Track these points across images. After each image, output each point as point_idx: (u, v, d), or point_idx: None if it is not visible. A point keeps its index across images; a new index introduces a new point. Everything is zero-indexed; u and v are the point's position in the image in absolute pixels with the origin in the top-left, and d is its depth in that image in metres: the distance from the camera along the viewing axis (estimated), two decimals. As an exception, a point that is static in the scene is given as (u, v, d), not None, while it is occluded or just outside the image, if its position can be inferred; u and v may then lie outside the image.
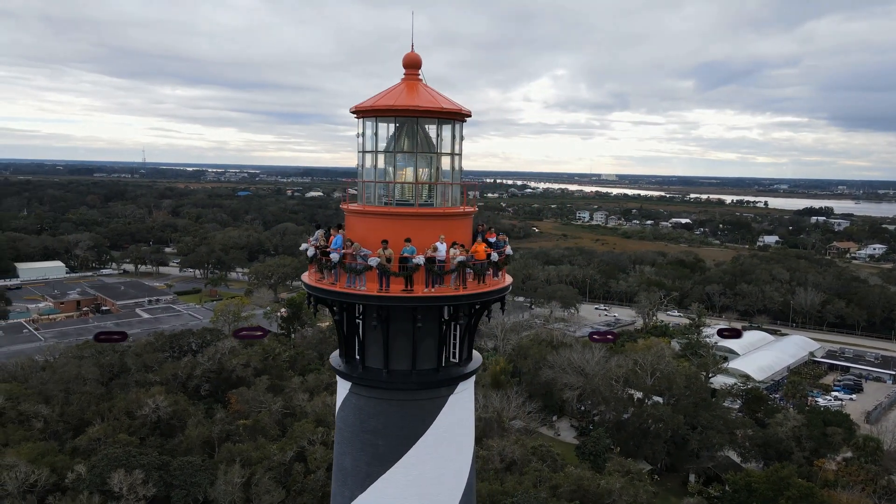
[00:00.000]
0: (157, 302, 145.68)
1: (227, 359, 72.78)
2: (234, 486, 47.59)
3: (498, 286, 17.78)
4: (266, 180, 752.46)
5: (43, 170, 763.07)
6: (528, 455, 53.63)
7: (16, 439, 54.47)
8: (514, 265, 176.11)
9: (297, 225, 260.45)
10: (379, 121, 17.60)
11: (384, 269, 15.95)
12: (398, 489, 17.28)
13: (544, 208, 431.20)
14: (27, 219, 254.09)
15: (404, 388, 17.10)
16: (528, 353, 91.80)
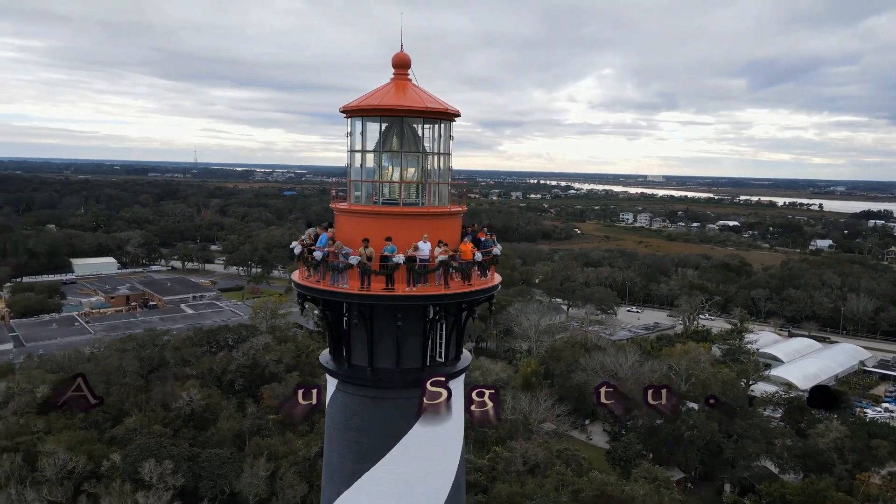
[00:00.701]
0: (201, 298, 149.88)
1: (261, 355, 74.35)
2: (260, 479, 48.65)
3: (483, 286, 17.69)
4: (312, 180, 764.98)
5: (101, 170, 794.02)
6: (552, 458, 53.11)
7: (58, 427, 56.86)
8: (553, 267, 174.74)
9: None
10: (368, 120, 17.75)
11: (364, 268, 16.08)
12: (382, 487, 17.38)
13: (587, 210, 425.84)
14: (84, 216, 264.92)
15: (388, 386, 17.21)
16: (561, 356, 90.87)
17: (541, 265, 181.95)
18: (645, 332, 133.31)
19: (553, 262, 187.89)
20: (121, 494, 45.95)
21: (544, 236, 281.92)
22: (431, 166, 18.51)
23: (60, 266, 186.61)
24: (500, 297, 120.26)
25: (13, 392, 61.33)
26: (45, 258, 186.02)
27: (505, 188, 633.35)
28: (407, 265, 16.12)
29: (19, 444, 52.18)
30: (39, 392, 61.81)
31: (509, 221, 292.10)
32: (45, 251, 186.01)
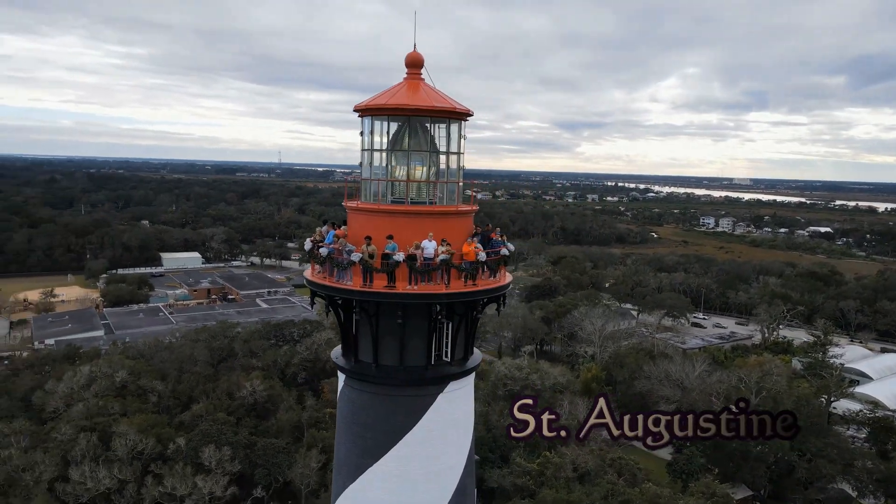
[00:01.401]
0: (276, 293, 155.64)
1: (323, 350, 76.40)
2: (311, 470, 50.05)
3: (486, 287, 17.54)
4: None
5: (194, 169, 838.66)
6: (605, 466, 51.81)
7: (132, 410, 60.56)
8: (624, 271, 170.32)
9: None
10: (380, 119, 17.97)
11: (366, 265, 16.31)
12: (384, 483, 17.56)
13: (665, 213, 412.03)
14: (174, 213, 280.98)
15: (391, 383, 17.37)
16: (625, 362, 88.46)
17: (612, 269, 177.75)
18: (719, 341, 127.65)
19: (625, 266, 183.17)
20: (182, 476, 48.46)
21: (618, 240, 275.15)
22: (443, 165, 18.57)
23: (151, 259, 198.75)
24: (566, 301, 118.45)
25: (95, 376, 65.79)
26: (137, 252, 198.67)
27: (581, 190, 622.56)
28: (407, 263, 16.22)
29: (97, 424, 55.89)
30: (118, 377, 66.03)
31: (582, 224, 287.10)
32: (137, 245, 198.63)
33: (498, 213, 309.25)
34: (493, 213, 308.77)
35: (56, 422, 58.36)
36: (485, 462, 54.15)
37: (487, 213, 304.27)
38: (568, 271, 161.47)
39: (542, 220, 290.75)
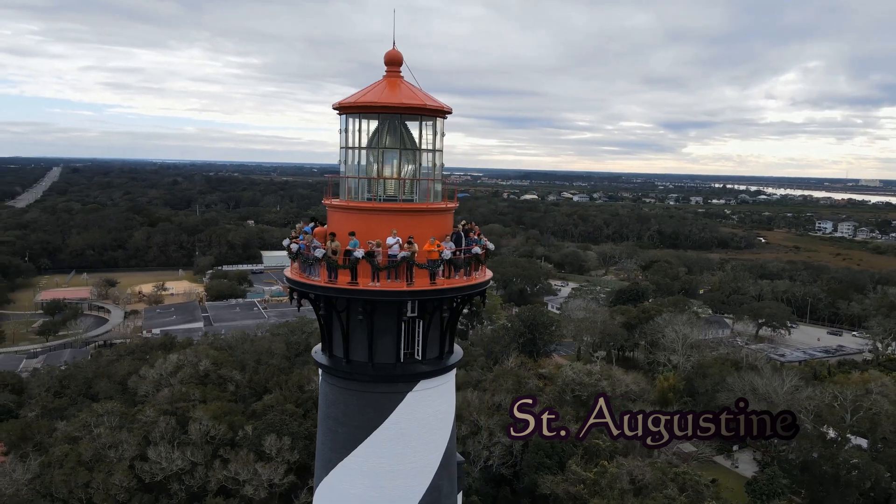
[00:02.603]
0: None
1: (393, 347, 77.91)
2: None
3: (451, 285, 17.27)
4: (486, 183, 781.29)
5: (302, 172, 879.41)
6: (665, 480, 49.32)
7: (211, 397, 64.44)
8: (721, 278, 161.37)
9: (504, 227, 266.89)
10: (360, 117, 18.09)
11: (329, 261, 16.55)
12: (354, 477, 17.73)
13: (777, 217, 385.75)
14: (277, 213, 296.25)
15: (361, 379, 17.49)
16: (708, 373, 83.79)
17: (707, 275, 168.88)
18: (824, 355, 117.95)
19: (723, 272, 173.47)
20: (245, 462, 51.05)
21: (720, 244, 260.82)
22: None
23: (253, 257, 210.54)
24: (650, 307, 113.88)
25: (182, 364, 70.60)
26: (240, 249, 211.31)
27: (685, 193, 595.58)
28: (366, 260, 16.30)
29: (177, 409, 59.96)
30: (202, 366, 70.50)
31: (681, 228, 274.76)
32: (241, 243, 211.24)
33: (592, 215, 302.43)
34: (587, 215, 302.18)
35: (144, 405, 63.16)
36: (540, 467, 53.16)
37: (581, 216, 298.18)
38: (658, 276, 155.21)
39: (638, 224, 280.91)
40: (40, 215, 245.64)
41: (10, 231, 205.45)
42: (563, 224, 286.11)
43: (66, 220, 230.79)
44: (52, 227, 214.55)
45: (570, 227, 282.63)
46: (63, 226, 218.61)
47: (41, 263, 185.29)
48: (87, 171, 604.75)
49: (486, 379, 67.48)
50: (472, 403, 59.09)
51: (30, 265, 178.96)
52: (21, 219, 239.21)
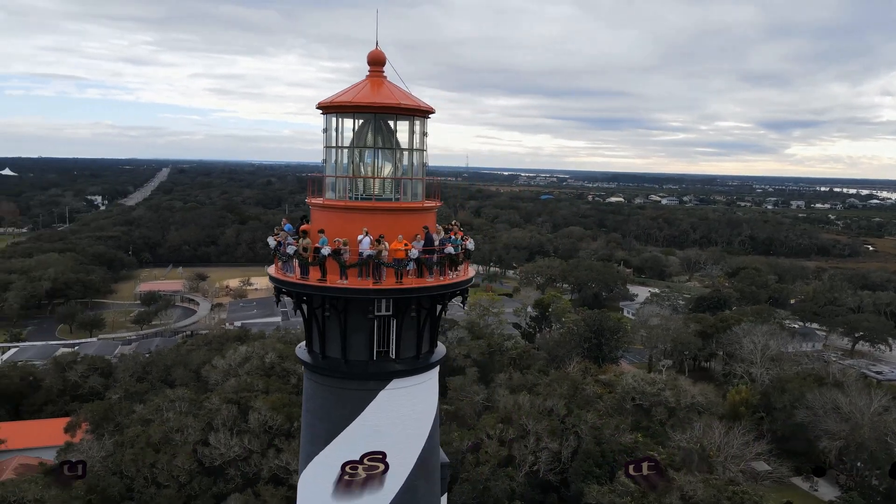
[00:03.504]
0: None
1: (453, 347, 78.12)
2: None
3: (421, 285, 17.15)
4: (572, 185, 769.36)
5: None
6: (721, 498, 46.64)
7: (273, 389, 67.01)
8: (816, 287, 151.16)
9: (585, 229, 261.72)
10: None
11: (299, 258, 16.86)
12: (328, 472, 17.95)
13: (889, 223, 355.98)
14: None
15: (334, 375, 17.71)
16: (786, 388, 78.59)
17: (801, 284, 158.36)
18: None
19: (819, 281, 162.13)
20: (295, 452, 52.77)
21: (820, 252, 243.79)
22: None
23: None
24: (730, 316, 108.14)
25: (250, 356, 73.89)
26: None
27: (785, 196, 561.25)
28: (333, 257, 16.48)
29: (241, 398, 62.78)
30: (268, 358, 73.47)
31: (776, 233, 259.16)
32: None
33: (678, 219, 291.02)
34: (673, 219, 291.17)
35: (212, 393, 66.57)
36: (588, 476, 51.73)
37: (667, 220, 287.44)
38: (744, 284, 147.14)
39: (728, 228, 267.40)
40: (145, 213, 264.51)
41: (117, 227, 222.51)
42: (647, 228, 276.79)
43: (167, 217, 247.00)
44: (154, 224, 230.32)
45: (655, 230, 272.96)
46: (164, 222, 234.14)
47: (142, 257, 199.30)
48: (192, 171, 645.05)
49: (541, 383, 66.44)
50: (522, 407, 58.34)
51: (132, 259, 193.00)
52: (129, 216, 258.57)
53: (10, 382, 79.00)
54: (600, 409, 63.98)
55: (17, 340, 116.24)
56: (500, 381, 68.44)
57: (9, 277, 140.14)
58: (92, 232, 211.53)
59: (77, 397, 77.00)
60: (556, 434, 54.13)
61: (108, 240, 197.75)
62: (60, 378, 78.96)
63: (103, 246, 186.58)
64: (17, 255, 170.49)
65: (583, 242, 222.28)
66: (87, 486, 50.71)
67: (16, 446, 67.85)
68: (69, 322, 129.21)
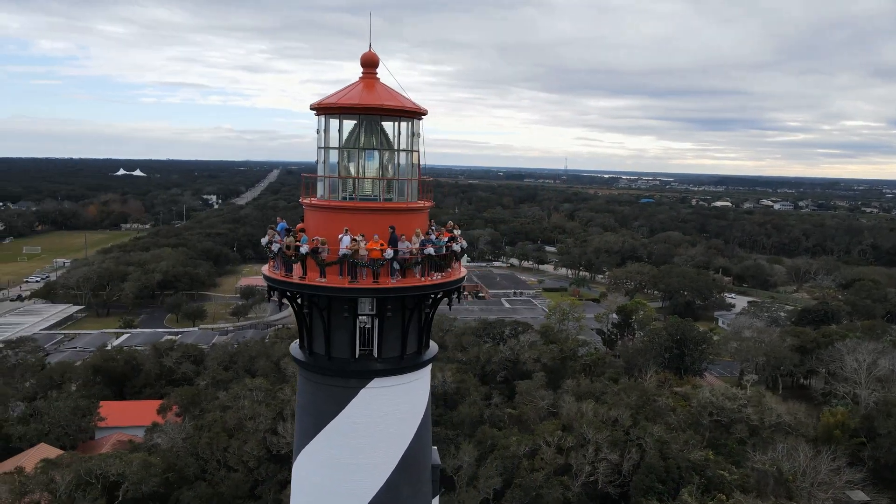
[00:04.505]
0: (520, 295, 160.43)
1: (524, 351, 77.29)
2: (464, 463, 51.54)
3: (401, 285, 17.14)
4: (676, 188, 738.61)
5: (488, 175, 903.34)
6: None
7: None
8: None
9: (683, 234, 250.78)
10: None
11: (283, 256, 17.34)
12: (313, 466, 18.41)
13: None
14: (454, 215, 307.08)
15: (318, 371, 18.08)
16: (893, 412, 71.47)
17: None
18: None
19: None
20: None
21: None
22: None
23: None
24: (835, 331, 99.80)
25: (325, 350, 76.62)
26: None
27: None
28: (311, 256, 16.81)
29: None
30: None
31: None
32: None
33: (789, 225, 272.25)
34: (783, 225, 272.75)
35: (286, 384, 69.60)
36: (649, 491, 49.51)
37: (776, 226, 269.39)
38: (858, 297, 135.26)
39: (847, 236, 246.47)
40: (252, 211, 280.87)
41: (225, 224, 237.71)
42: (754, 234, 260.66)
43: (271, 215, 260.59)
44: (258, 222, 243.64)
45: (762, 237, 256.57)
46: (267, 220, 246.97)
47: (246, 254, 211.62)
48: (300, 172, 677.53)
49: (608, 391, 64.32)
50: (585, 415, 56.76)
51: (237, 255, 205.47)
52: (237, 214, 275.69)
53: (115, 365, 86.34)
54: (671, 422, 61.05)
55: (129, 327, 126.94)
56: (566, 387, 66.92)
57: (127, 269, 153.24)
58: (203, 229, 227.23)
59: (171, 381, 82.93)
60: (616, 445, 52.23)
61: (216, 236, 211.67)
62: (158, 363, 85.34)
63: (211, 242, 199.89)
64: (136, 249, 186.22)
65: (680, 248, 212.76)
66: (165, 464, 54.51)
67: (116, 424, 73.94)
68: (176, 312, 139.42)
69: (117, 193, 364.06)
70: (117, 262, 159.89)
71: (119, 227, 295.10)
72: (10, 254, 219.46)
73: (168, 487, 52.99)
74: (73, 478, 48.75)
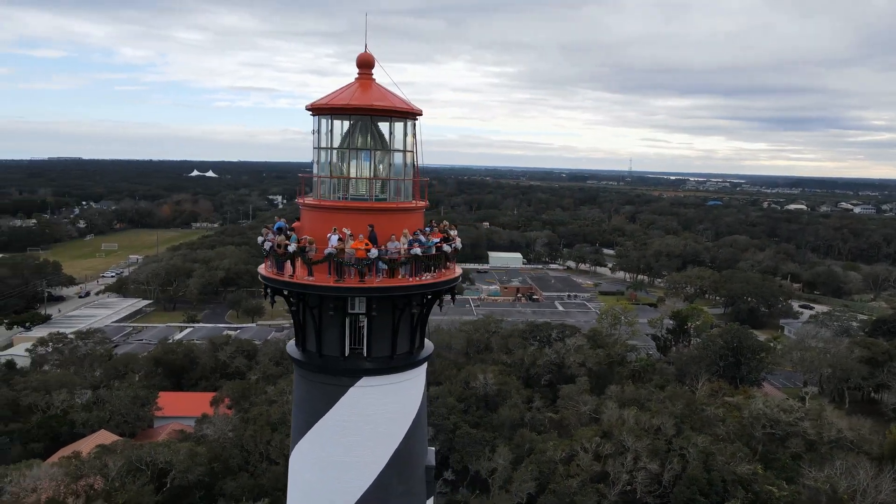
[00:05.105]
0: (575, 297, 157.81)
1: (570, 354, 76.05)
2: (500, 467, 51.16)
3: (381, 284, 17.13)
4: (747, 190, 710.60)
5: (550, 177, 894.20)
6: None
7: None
8: None
9: (751, 238, 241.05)
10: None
11: (274, 254, 17.66)
12: (305, 462, 18.71)
13: None
14: (512, 217, 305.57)
15: (309, 368, 18.31)
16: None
17: None
18: None
19: None
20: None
21: None
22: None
23: (480, 257, 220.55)
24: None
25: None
26: (469, 249, 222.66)
27: None
28: (298, 254, 17.05)
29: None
30: (387, 352, 76.74)
31: None
32: (469, 243, 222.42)
33: (869, 230, 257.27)
34: (861, 229, 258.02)
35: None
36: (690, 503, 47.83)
37: (853, 230, 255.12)
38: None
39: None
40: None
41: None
42: (829, 239, 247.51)
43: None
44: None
45: (838, 242, 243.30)
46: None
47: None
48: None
49: (653, 398, 62.45)
50: (626, 422, 55.32)
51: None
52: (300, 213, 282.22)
53: (175, 358, 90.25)
54: (719, 433, 58.71)
55: (192, 322, 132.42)
56: (610, 392, 65.41)
57: (192, 266, 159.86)
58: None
59: (225, 375, 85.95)
60: (657, 454, 50.65)
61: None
62: (213, 357, 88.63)
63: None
64: (203, 247, 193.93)
65: (746, 253, 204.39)
66: (211, 455, 56.54)
67: (172, 414, 77.23)
68: (236, 308, 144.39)
69: (189, 193, 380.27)
70: (184, 259, 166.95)
71: (190, 225, 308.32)
72: (90, 250, 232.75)
73: (213, 477, 54.90)
74: (124, 464, 51.23)
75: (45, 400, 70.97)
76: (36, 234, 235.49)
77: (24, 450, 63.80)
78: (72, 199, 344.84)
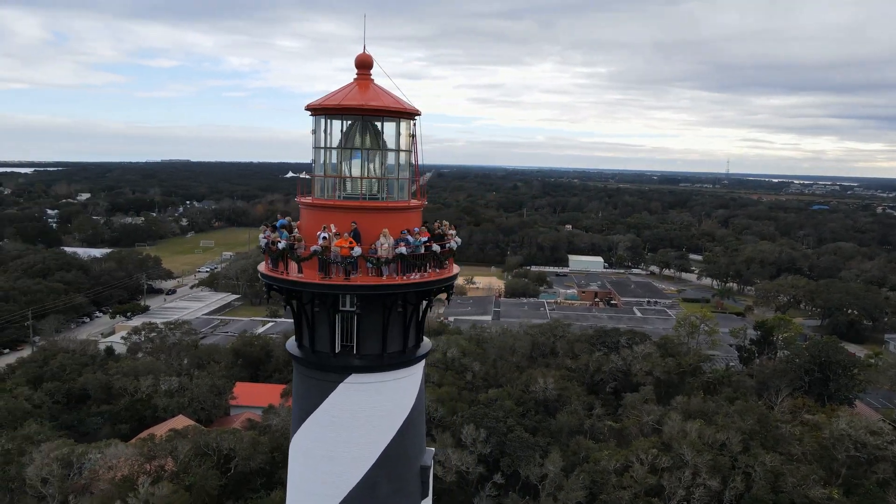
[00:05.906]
0: (655, 304, 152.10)
1: (637, 362, 73.49)
2: (551, 473, 50.06)
3: (364, 283, 17.20)
4: (859, 194, 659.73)
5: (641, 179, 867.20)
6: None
7: (446, 382, 70.20)
8: None
9: (859, 245, 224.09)
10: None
11: (268, 251, 18.16)
12: (299, 453, 19.20)
13: None
14: (596, 220, 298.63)
15: (303, 363, 18.70)
16: None
17: None
18: None
19: None
20: (442, 444, 54.68)
21: None
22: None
23: (560, 260, 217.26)
24: None
25: (434, 349, 78.24)
26: (549, 252, 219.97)
27: None
28: (287, 251, 17.44)
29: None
30: (450, 353, 77.06)
31: None
32: (549, 246, 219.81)
33: None
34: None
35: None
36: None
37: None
38: None
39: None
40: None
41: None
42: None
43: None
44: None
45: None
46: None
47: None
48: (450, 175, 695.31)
49: (721, 412, 59.17)
50: (688, 435, 52.78)
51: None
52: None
53: (252, 350, 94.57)
54: (794, 453, 54.85)
55: (274, 317, 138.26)
56: (676, 403, 62.63)
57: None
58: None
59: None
60: (719, 471, 48.00)
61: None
62: (286, 351, 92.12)
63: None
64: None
65: (852, 261, 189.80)
66: (273, 444, 58.80)
67: (247, 403, 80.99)
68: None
69: (282, 193, 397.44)
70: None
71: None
72: (190, 246, 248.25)
73: (273, 465, 57.05)
74: (191, 448, 54.23)
75: (133, 384, 76.22)
76: (143, 230, 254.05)
77: (112, 430, 68.90)
78: (177, 199, 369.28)
